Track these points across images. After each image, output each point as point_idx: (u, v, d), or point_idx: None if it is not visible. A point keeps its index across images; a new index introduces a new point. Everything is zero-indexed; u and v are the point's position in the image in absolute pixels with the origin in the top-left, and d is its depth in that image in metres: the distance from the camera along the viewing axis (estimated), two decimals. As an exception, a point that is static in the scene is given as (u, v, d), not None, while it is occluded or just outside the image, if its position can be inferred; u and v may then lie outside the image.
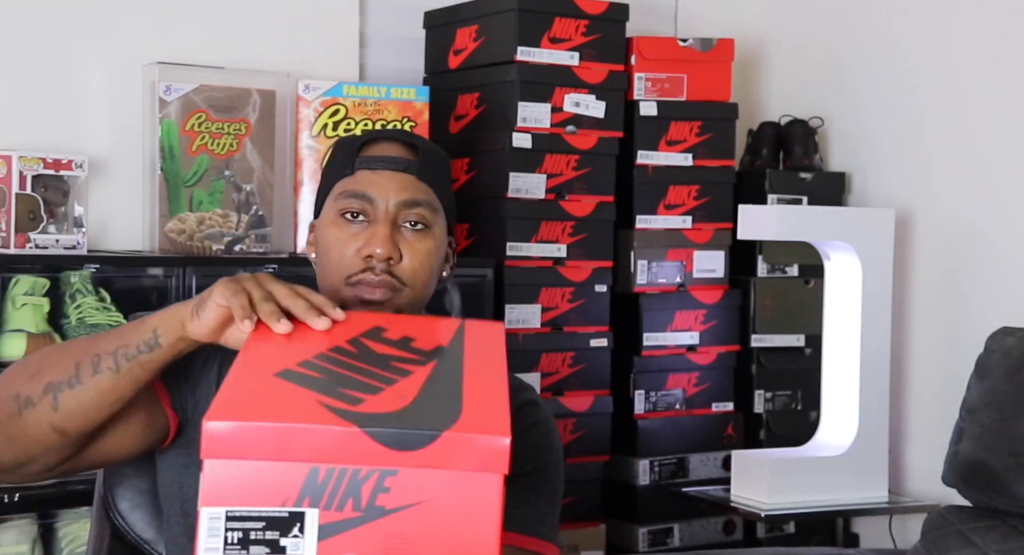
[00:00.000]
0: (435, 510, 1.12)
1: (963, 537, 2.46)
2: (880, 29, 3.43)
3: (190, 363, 1.58)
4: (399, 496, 1.11)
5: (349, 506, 1.10)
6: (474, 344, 1.36)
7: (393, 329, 1.38)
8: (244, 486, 1.10)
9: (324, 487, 1.10)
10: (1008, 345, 2.49)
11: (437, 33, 3.26)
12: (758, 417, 3.37)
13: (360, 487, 1.11)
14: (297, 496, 1.10)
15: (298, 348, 1.30)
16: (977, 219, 3.14)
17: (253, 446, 1.11)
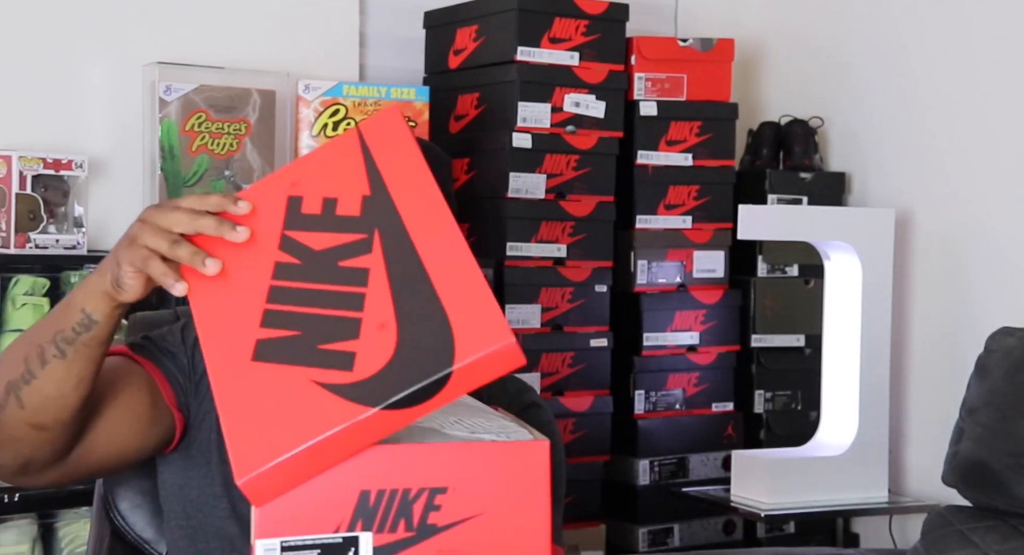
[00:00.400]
0: (486, 524, 1.13)
1: (963, 537, 2.46)
2: (880, 29, 3.43)
3: (194, 363, 1.58)
4: (450, 513, 1.12)
5: (402, 526, 1.11)
6: (393, 171, 1.30)
7: (305, 192, 1.31)
8: (296, 514, 1.09)
9: (376, 509, 1.11)
10: (1008, 345, 2.49)
11: (437, 33, 3.26)
12: (758, 417, 3.37)
13: (411, 507, 1.11)
14: (350, 520, 1.10)
15: (243, 288, 1.25)
16: (977, 219, 3.14)
17: (292, 476, 1.10)
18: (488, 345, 1.10)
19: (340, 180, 1.29)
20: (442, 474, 1.12)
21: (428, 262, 1.20)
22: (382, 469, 1.11)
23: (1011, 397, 2.44)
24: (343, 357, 1.15)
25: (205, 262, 1.27)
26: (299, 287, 1.22)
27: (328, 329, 1.18)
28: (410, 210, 1.25)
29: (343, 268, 1.22)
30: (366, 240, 1.23)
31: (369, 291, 1.19)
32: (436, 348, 1.12)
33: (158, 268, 1.28)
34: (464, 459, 1.14)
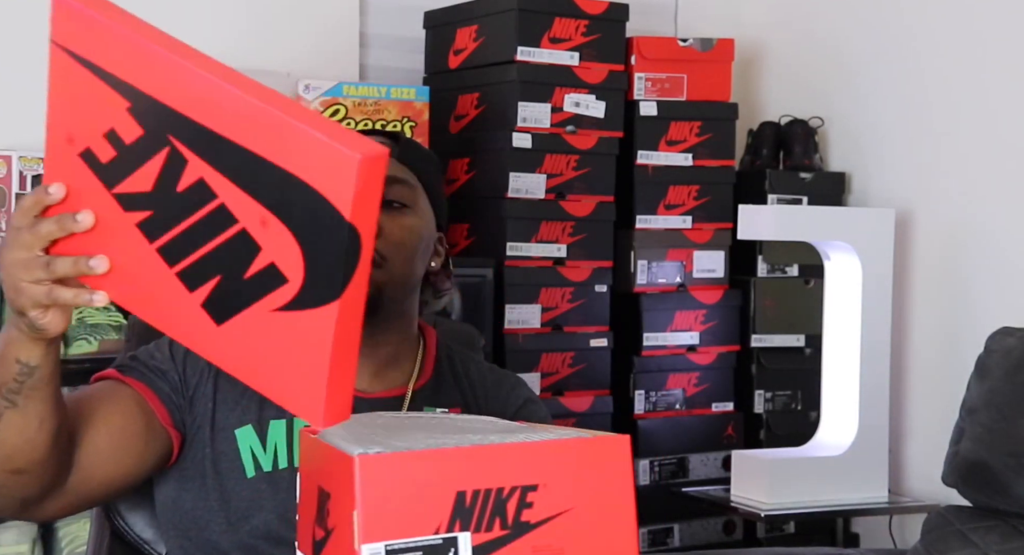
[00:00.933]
0: (577, 518, 1.15)
1: (963, 537, 2.46)
2: (880, 29, 3.43)
3: (185, 378, 1.58)
4: (542, 510, 1.14)
5: (497, 525, 1.13)
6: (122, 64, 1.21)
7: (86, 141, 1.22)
8: (397, 518, 1.10)
9: (472, 509, 1.12)
10: (1008, 345, 2.49)
11: (437, 33, 3.26)
12: (758, 417, 3.37)
13: (505, 505, 1.13)
14: (448, 521, 1.12)
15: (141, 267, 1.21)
16: (977, 219, 3.14)
17: (342, 392, 1.13)
18: (348, 178, 1.09)
19: (96, 107, 1.21)
20: (533, 472, 1.14)
21: (232, 135, 1.15)
22: (476, 469, 1.13)
23: (1011, 397, 2.43)
24: (270, 275, 1.14)
25: (90, 263, 1.21)
26: (175, 236, 1.19)
27: (234, 258, 1.16)
28: (168, 91, 1.18)
29: (184, 193, 1.18)
30: (173, 152, 1.18)
31: (223, 197, 1.16)
32: (317, 210, 1.11)
33: (65, 294, 1.23)
34: (553, 456, 1.16)
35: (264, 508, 1.53)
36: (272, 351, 1.16)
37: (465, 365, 1.71)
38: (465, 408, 1.65)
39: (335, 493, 1.16)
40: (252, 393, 1.58)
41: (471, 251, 3.11)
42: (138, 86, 1.18)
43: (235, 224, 1.15)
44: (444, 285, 1.74)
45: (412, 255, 1.60)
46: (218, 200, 1.16)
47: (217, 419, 1.58)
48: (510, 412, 1.68)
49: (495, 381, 1.71)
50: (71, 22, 1.21)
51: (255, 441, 1.57)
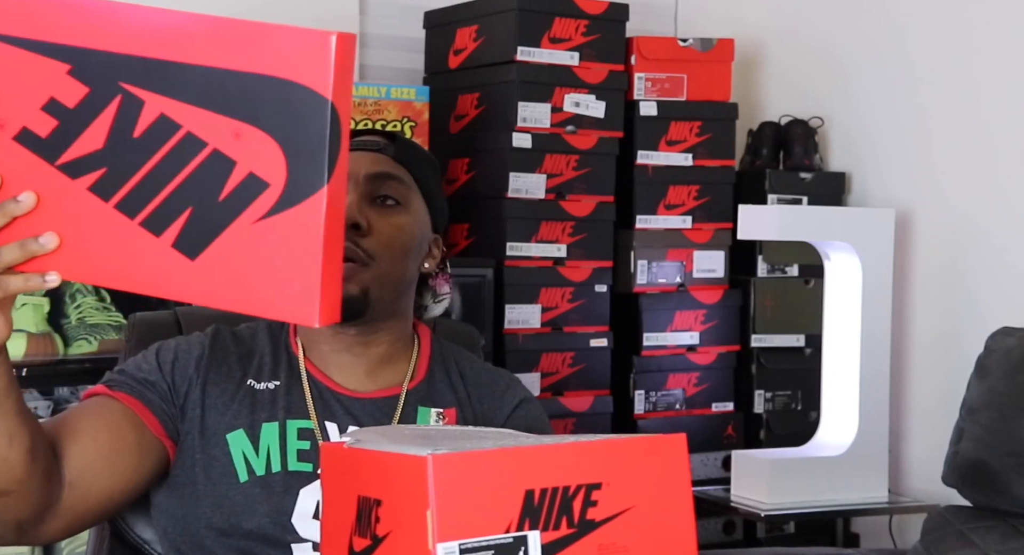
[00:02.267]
0: (639, 516, 1.17)
1: (963, 537, 2.46)
2: (880, 29, 3.43)
3: (174, 385, 1.57)
4: (606, 508, 1.16)
5: (564, 523, 1.14)
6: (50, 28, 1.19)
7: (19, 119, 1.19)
8: (470, 517, 1.11)
9: (540, 508, 1.13)
10: (1008, 345, 2.49)
11: (437, 33, 3.26)
12: (758, 417, 3.37)
13: (571, 503, 1.15)
14: (519, 520, 1.13)
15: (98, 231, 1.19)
16: (977, 219, 3.14)
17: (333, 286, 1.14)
18: (325, 57, 1.11)
19: (28, 83, 1.19)
20: (596, 470, 1.16)
21: (189, 58, 1.15)
22: (543, 468, 1.14)
23: (1011, 397, 2.44)
24: (249, 185, 1.15)
25: (39, 241, 1.19)
26: (135, 186, 1.18)
27: (205, 183, 1.16)
28: (110, 38, 1.17)
29: (143, 136, 1.17)
30: (126, 97, 1.17)
31: (188, 125, 1.16)
32: (293, 100, 1.12)
33: (15, 281, 1.21)
34: (615, 454, 1.18)
35: (258, 512, 1.53)
36: (255, 266, 1.15)
37: (460, 364, 1.71)
38: (459, 408, 1.65)
39: (390, 498, 1.16)
40: (243, 397, 1.58)
41: (471, 251, 3.11)
42: (75, 44, 1.17)
43: (204, 147, 1.15)
44: (443, 289, 1.74)
45: (402, 254, 1.58)
46: (183, 129, 1.15)
47: (207, 424, 1.56)
48: (505, 412, 1.67)
49: (490, 380, 1.71)
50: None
51: (247, 445, 1.56)
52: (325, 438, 1.57)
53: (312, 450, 1.56)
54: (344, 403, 1.61)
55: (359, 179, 1.58)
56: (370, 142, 1.63)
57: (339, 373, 1.62)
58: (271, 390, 1.60)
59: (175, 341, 1.63)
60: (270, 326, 1.67)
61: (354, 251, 1.53)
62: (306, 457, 1.56)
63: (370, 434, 1.26)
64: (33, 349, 2.52)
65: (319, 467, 1.54)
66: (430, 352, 1.69)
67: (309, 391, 1.60)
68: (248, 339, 1.66)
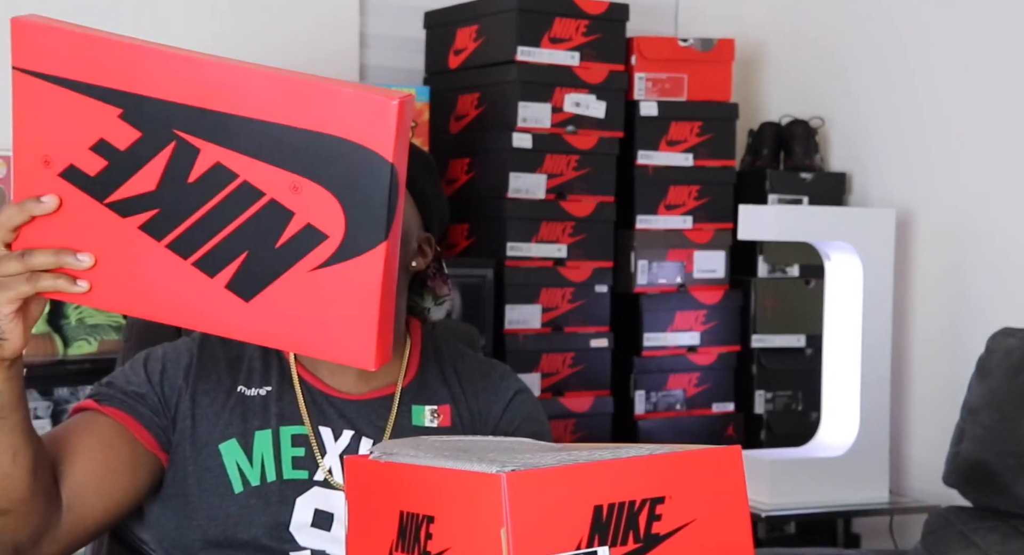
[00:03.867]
0: (701, 529, 1.18)
1: (964, 538, 2.46)
2: (881, 29, 3.43)
3: (164, 397, 1.55)
4: (669, 521, 1.16)
5: (631, 538, 1.15)
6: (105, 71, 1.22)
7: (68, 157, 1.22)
8: (543, 534, 1.11)
9: (608, 523, 1.14)
10: (1009, 345, 2.49)
11: (437, 33, 3.25)
12: (758, 417, 3.37)
13: (637, 518, 1.15)
14: (588, 536, 1.13)
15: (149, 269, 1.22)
16: (978, 219, 3.14)
17: (385, 335, 1.19)
18: (388, 122, 1.15)
19: (77, 123, 1.21)
20: (660, 484, 1.16)
21: (248, 112, 1.18)
22: (610, 483, 1.14)
23: (1012, 397, 2.43)
24: (307, 236, 1.19)
25: (77, 256, 1.21)
26: (188, 227, 1.21)
27: (262, 231, 1.19)
28: (166, 86, 1.19)
29: (197, 182, 1.19)
30: (181, 144, 1.20)
31: (244, 175, 1.19)
32: (354, 160, 1.16)
33: (47, 281, 1.21)
34: (676, 468, 1.19)
35: (254, 524, 1.50)
36: (311, 310, 1.20)
37: (453, 358, 1.68)
38: (453, 404, 1.63)
39: (446, 515, 1.16)
40: (234, 405, 1.56)
41: (471, 251, 3.11)
42: (129, 90, 1.19)
43: (262, 197, 1.18)
44: (442, 291, 1.72)
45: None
46: (240, 179, 1.18)
47: (199, 435, 1.54)
48: (501, 405, 1.66)
49: (483, 373, 1.68)
50: (38, 43, 1.22)
51: (240, 455, 1.53)
52: (319, 443, 1.55)
53: (307, 457, 1.54)
54: (338, 406, 1.59)
55: None
56: None
57: (331, 375, 1.60)
58: (262, 396, 1.57)
59: (162, 350, 1.61)
60: None
61: None
62: (301, 464, 1.54)
63: (400, 447, 1.25)
64: (33, 349, 2.52)
65: (315, 474, 1.53)
66: (421, 348, 1.66)
67: (301, 396, 1.58)
68: (237, 342, 1.62)
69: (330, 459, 1.54)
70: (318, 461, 1.54)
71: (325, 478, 1.53)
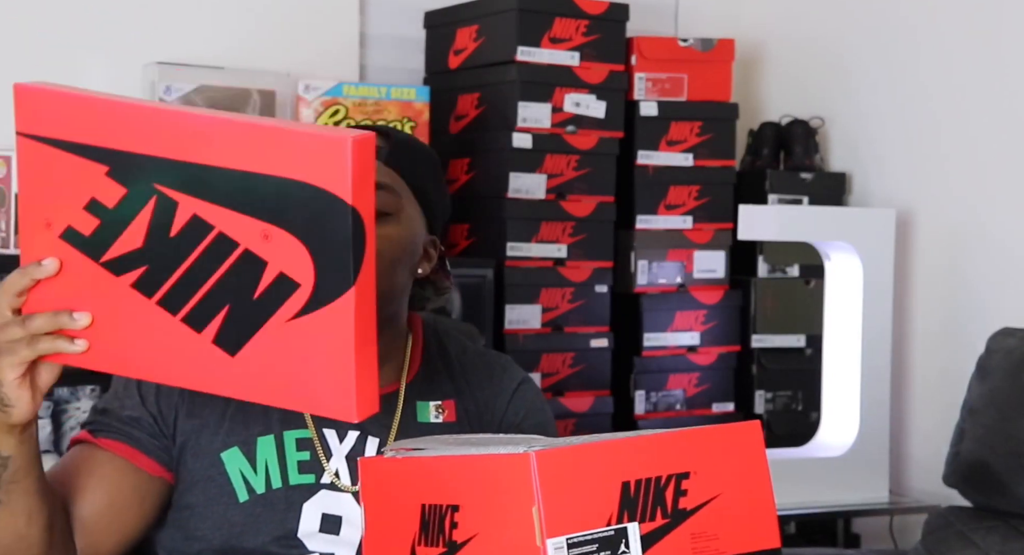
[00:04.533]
0: (725, 503, 1.20)
1: (964, 538, 2.46)
2: (881, 29, 3.43)
3: (163, 416, 1.52)
4: (695, 496, 1.19)
5: (659, 514, 1.17)
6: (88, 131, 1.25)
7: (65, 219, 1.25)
8: (574, 512, 1.13)
9: (636, 499, 1.16)
10: (1009, 345, 2.49)
11: (437, 33, 3.25)
12: (759, 418, 3.37)
13: (664, 494, 1.17)
14: (618, 512, 1.15)
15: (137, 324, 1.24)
16: (978, 219, 3.14)
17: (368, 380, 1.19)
18: (343, 163, 1.14)
19: (72, 183, 1.25)
20: (684, 460, 1.18)
21: (216, 161, 1.19)
22: (636, 460, 1.16)
23: (1012, 397, 2.43)
24: (280, 285, 1.19)
25: (73, 316, 1.23)
26: (175, 282, 1.23)
27: (241, 281, 1.20)
28: (143, 141, 1.22)
29: (179, 235, 1.22)
30: (160, 198, 1.22)
31: (220, 226, 1.20)
32: (316, 204, 1.15)
33: (46, 343, 1.23)
34: (699, 443, 1.21)
35: (261, 532, 1.49)
36: (292, 362, 1.20)
37: (455, 352, 1.66)
38: (457, 397, 1.61)
39: (472, 502, 1.17)
40: (234, 412, 1.53)
41: (471, 251, 3.11)
42: (113, 146, 1.22)
43: (236, 248, 1.19)
44: (444, 283, 1.71)
45: (391, 267, 1.51)
46: (216, 230, 1.20)
47: (201, 446, 1.51)
48: (506, 396, 1.64)
49: (485, 365, 1.67)
50: (36, 106, 1.25)
51: (243, 463, 1.51)
52: (324, 446, 1.53)
53: (312, 461, 1.52)
54: None
55: None
56: None
57: None
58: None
59: None
60: None
61: None
62: (307, 468, 1.51)
63: (414, 444, 1.26)
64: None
65: (322, 477, 1.51)
66: (423, 343, 1.64)
67: None
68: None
69: (336, 461, 1.53)
70: (324, 465, 1.53)
71: (332, 481, 1.52)
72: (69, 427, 2.58)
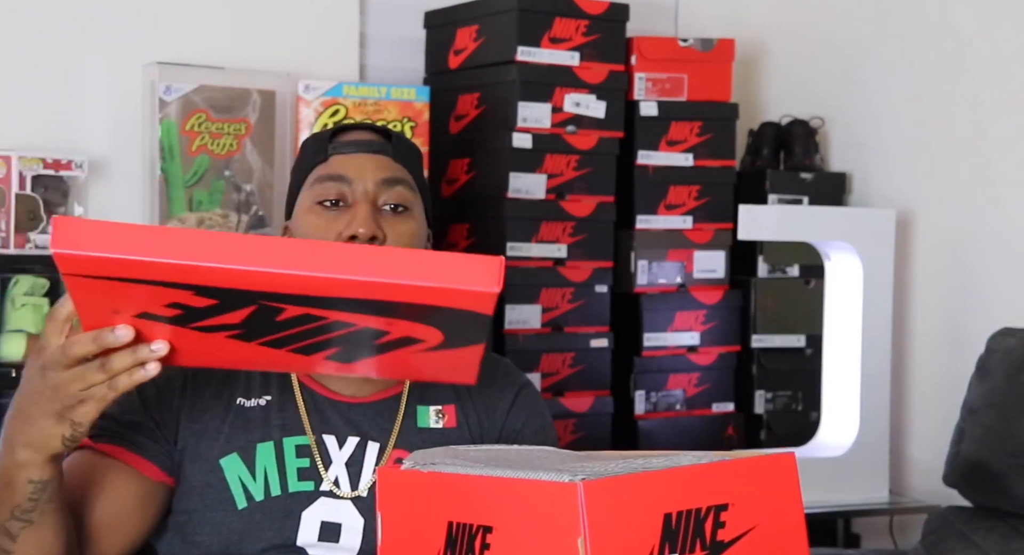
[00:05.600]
0: (761, 535, 1.21)
1: (964, 538, 2.46)
2: (881, 29, 3.43)
3: (164, 420, 1.52)
4: (733, 528, 1.19)
5: (699, 546, 1.17)
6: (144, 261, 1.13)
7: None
8: (619, 542, 1.12)
9: (677, 531, 1.15)
10: (1009, 346, 2.49)
11: (437, 33, 3.25)
12: (759, 418, 3.37)
13: (703, 525, 1.17)
14: (659, 544, 1.14)
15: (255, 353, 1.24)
16: (978, 219, 3.14)
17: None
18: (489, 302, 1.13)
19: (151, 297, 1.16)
20: (723, 491, 1.18)
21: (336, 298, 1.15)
22: (678, 491, 1.16)
23: (1012, 398, 2.43)
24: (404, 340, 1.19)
25: (151, 346, 1.20)
26: (279, 337, 1.20)
27: (355, 339, 1.19)
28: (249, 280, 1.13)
29: (286, 320, 1.17)
30: (263, 307, 1.15)
31: (332, 317, 1.16)
32: (458, 318, 1.14)
33: (124, 380, 1.21)
34: (737, 475, 1.21)
35: (260, 538, 1.49)
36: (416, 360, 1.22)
37: None
38: (458, 403, 1.61)
39: (508, 524, 1.15)
40: (233, 418, 1.53)
41: (471, 251, 3.10)
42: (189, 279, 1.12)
43: (351, 327, 1.17)
44: None
45: None
46: (327, 320, 1.16)
47: (200, 452, 1.51)
48: (507, 401, 1.64)
49: (486, 369, 1.64)
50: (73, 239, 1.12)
51: (243, 469, 1.51)
52: (323, 453, 1.53)
53: (312, 468, 1.52)
54: (342, 411, 1.56)
55: (367, 187, 1.53)
56: (372, 143, 1.58)
57: (336, 379, 1.58)
58: (262, 407, 1.55)
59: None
60: None
61: None
62: (307, 475, 1.52)
63: (436, 457, 1.25)
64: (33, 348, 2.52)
65: (321, 485, 1.51)
66: None
67: (304, 404, 1.56)
68: None
69: (336, 468, 1.53)
70: (322, 473, 1.52)
71: (331, 489, 1.52)
72: (69, 427, 2.58)
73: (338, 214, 1.53)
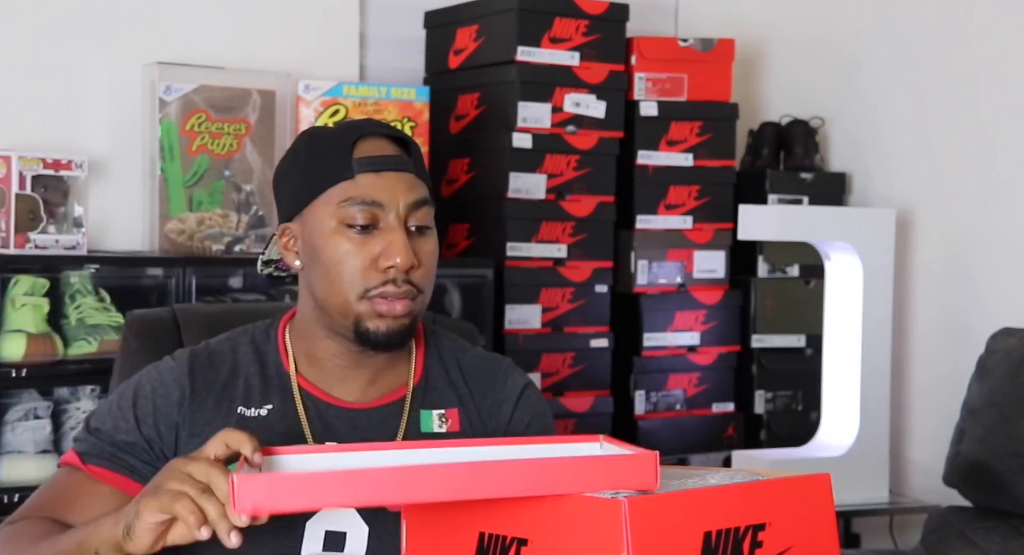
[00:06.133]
0: (798, 553, 1.20)
1: (964, 538, 2.46)
2: (881, 29, 3.43)
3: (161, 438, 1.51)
4: (770, 548, 1.19)
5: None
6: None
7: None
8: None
9: (716, 549, 1.16)
10: (1009, 345, 2.49)
11: (437, 33, 3.25)
12: (758, 417, 3.37)
13: (742, 545, 1.17)
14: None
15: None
16: (978, 219, 3.14)
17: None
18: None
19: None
20: (761, 510, 1.19)
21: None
22: (719, 510, 1.16)
23: (1012, 397, 2.43)
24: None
25: (230, 535, 1.22)
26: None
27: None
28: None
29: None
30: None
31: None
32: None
33: (211, 508, 1.23)
34: (774, 495, 1.21)
35: (263, 549, 1.47)
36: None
37: (457, 356, 1.65)
38: (461, 406, 1.60)
39: (544, 538, 1.16)
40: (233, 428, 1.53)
41: (471, 251, 3.11)
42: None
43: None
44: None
45: (434, 276, 1.55)
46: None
47: None
48: (510, 403, 1.63)
49: (488, 370, 1.66)
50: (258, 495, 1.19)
51: None
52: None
53: None
54: (345, 418, 1.55)
55: (399, 212, 1.51)
56: (398, 160, 1.53)
57: (340, 385, 1.57)
58: (264, 416, 1.54)
59: (150, 384, 1.55)
60: (254, 338, 1.61)
61: (410, 289, 1.50)
62: None
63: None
64: (33, 349, 2.52)
65: None
66: (425, 348, 1.63)
67: (306, 411, 1.55)
68: (229, 356, 1.58)
69: None
70: None
71: None
72: (69, 427, 2.59)
73: (369, 238, 1.50)
